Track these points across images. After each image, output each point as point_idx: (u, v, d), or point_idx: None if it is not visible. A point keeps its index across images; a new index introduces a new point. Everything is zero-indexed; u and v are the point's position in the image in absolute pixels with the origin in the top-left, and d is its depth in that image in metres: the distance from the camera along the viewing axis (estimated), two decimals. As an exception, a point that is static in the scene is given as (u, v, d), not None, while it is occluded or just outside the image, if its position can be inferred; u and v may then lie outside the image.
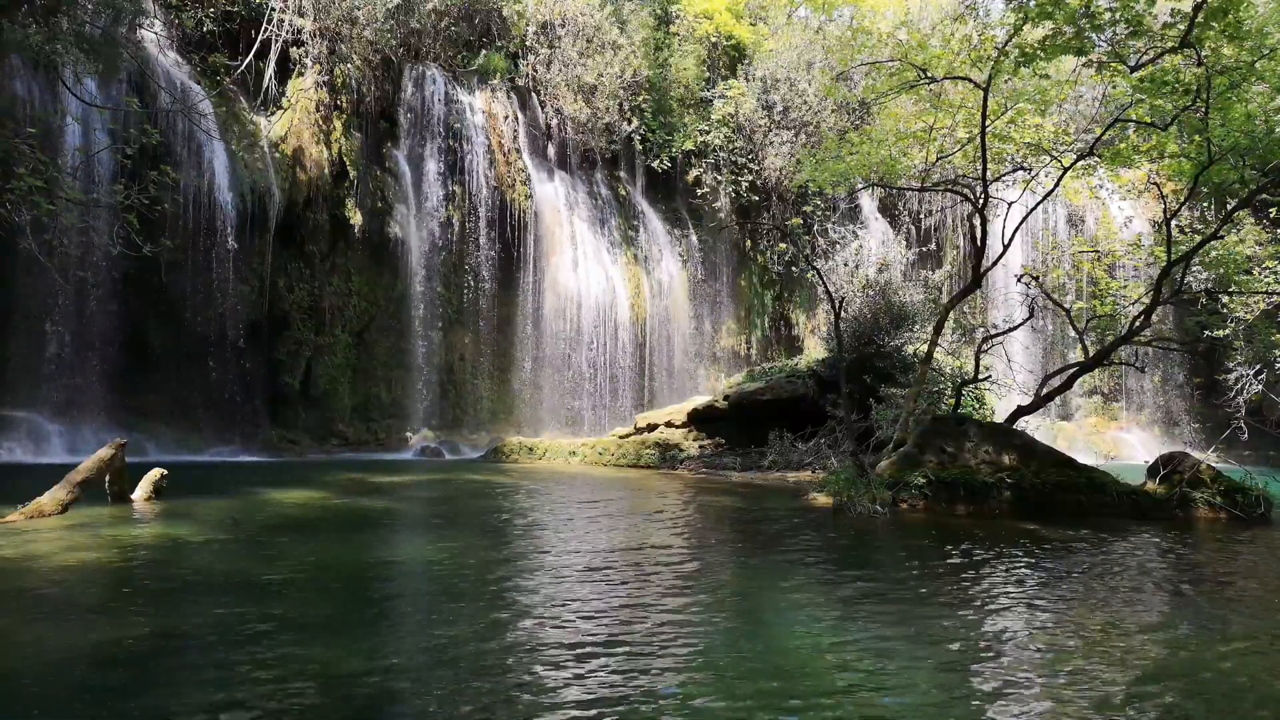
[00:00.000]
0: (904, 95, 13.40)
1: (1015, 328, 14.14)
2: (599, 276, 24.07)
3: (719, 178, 26.56)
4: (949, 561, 6.90)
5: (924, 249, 26.86)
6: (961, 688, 3.82)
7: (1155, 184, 13.96)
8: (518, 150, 23.62)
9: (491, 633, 4.50)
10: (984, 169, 12.04)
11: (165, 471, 9.60)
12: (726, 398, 17.81)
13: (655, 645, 4.30)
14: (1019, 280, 15.15)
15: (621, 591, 5.61)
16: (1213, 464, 10.75)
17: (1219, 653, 4.42)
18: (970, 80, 12.04)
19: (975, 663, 4.17)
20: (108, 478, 8.76)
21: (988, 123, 11.61)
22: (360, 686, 3.65)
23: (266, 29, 19.52)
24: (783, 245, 26.22)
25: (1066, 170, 12.54)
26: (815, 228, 26.40)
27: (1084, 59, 10.72)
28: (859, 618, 4.97)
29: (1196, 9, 9.57)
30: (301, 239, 19.88)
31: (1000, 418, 13.62)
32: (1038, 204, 13.94)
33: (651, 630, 4.59)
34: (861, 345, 16.42)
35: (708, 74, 27.33)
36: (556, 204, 23.99)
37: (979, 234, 13.18)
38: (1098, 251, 24.35)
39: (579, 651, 4.18)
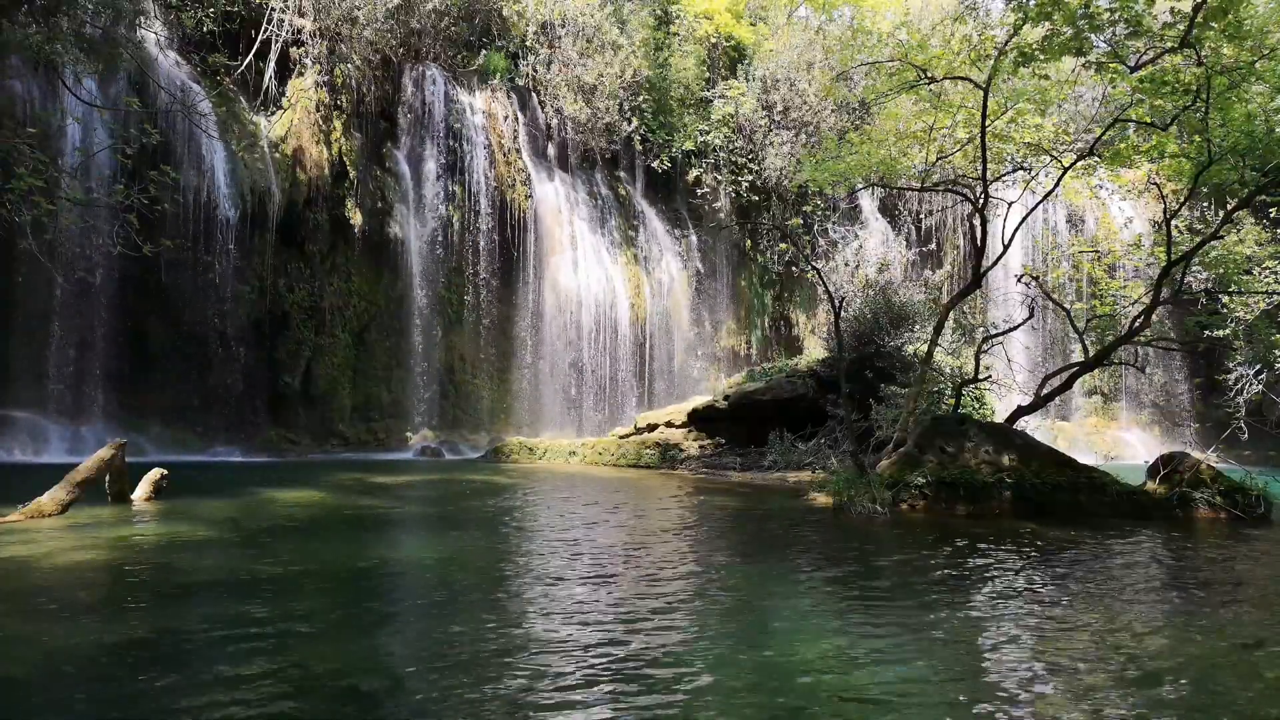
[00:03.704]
0: (904, 95, 13.41)
1: (1015, 328, 14.14)
2: (599, 276, 24.07)
3: (719, 178, 26.55)
4: (949, 562, 6.90)
5: (924, 249, 26.85)
6: (962, 688, 3.82)
7: (1155, 184, 13.95)
8: (518, 150, 23.62)
9: (490, 635, 4.50)
10: (984, 169, 12.04)
11: (165, 471, 9.61)
12: (726, 398, 17.80)
13: (655, 646, 4.29)
14: (1019, 280, 15.15)
15: (621, 593, 5.60)
16: (1213, 464, 10.74)
17: (1222, 651, 4.42)
18: (970, 80, 12.04)
19: (976, 663, 4.17)
20: (108, 478, 8.77)
21: (988, 123, 11.61)
22: (359, 688, 3.65)
23: (266, 29, 19.52)
24: (783, 245, 26.21)
25: (1066, 170, 12.53)
26: (815, 228, 26.41)
27: (1084, 59, 10.71)
28: (859, 618, 4.97)
29: (1196, 9, 9.56)
30: (301, 239, 19.88)
31: (1000, 418, 13.62)
32: (1038, 204, 13.94)
33: (651, 631, 4.59)
34: (861, 345, 16.41)
35: (708, 74, 27.33)
36: (556, 204, 23.99)
37: (979, 234, 13.17)
38: (1098, 251, 24.33)
39: (578, 654, 4.17)
